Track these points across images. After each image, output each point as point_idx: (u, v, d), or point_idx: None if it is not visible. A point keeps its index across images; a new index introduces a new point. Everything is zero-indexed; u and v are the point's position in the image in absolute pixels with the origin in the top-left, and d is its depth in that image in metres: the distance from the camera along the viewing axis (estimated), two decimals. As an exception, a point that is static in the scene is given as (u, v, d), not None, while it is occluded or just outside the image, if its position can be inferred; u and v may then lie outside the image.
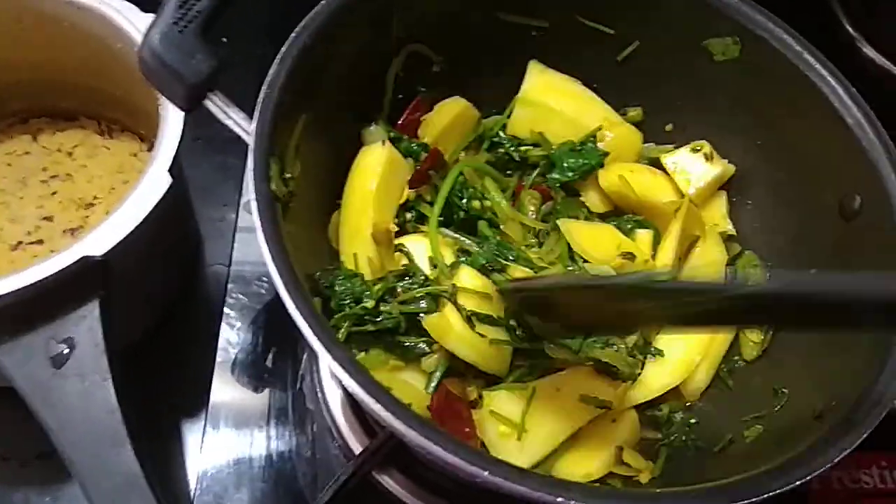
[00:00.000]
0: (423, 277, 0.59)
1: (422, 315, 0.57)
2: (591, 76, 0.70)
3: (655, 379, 0.61)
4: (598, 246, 0.63)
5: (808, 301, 0.41)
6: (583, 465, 0.56)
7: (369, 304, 0.56)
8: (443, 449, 0.42)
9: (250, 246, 0.79)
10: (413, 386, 0.57)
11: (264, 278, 0.78)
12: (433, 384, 0.57)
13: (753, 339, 0.63)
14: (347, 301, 0.56)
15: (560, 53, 0.69)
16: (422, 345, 0.57)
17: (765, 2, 0.64)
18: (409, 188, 0.64)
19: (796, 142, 0.63)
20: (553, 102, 0.69)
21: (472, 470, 0.41)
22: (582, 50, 0.69)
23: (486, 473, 0.41)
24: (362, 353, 0.57)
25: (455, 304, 0.57)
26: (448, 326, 0.56)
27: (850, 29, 0.88)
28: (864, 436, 0.46)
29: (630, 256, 0.62)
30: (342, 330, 0.56)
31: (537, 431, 0.56)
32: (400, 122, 0.68)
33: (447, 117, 0.69)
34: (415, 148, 0.66)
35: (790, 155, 0.64)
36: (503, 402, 0.57)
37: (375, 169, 0.62)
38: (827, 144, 0.60)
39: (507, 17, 0.67)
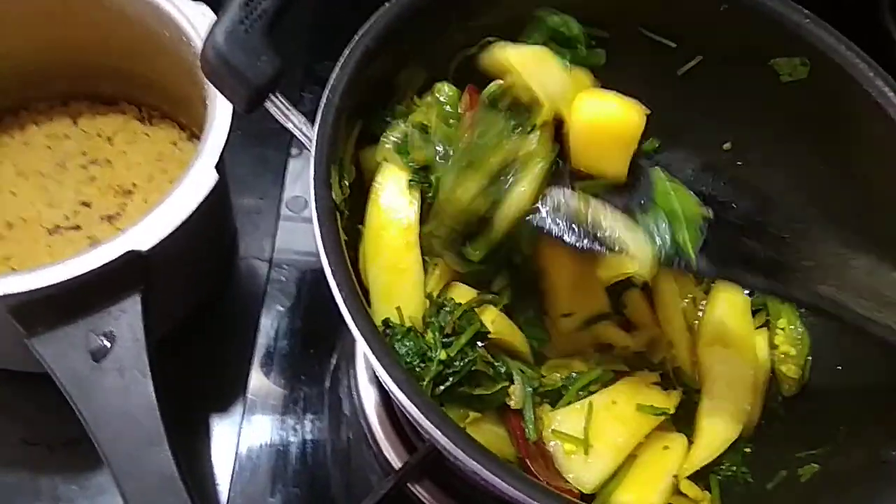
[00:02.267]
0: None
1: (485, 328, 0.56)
2: (650, 89, 0.68)
3: (715, 435, 0.59)
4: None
5: None
6: (642, 496, 0.55)
7: (442, 354, 0.54)
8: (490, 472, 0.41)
9: (291, 242, 0.78)
10: (498, 434, 0.56)
11: (302, 276, 0.77)
12: (530, 425, 0.55)
13: (790, 375, 0.62)
14: (415, 361, 0.54)
15: (619, 65, 0.67)
16: (501, 381, 0.56)
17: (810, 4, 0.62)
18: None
19: (860, 172, 0.61)
20: None
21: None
22: (642, 62, 0.67)
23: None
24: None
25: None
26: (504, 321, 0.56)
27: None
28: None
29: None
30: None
31: (602, 444, 0.55)
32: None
33: None
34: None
35: (852, 185, 0.62)
36: (564, 420, 0.56)
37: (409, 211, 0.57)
38: (893, 176, 0.58)
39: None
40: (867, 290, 0.52)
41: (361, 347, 0.44)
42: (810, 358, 0.63)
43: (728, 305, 0.64)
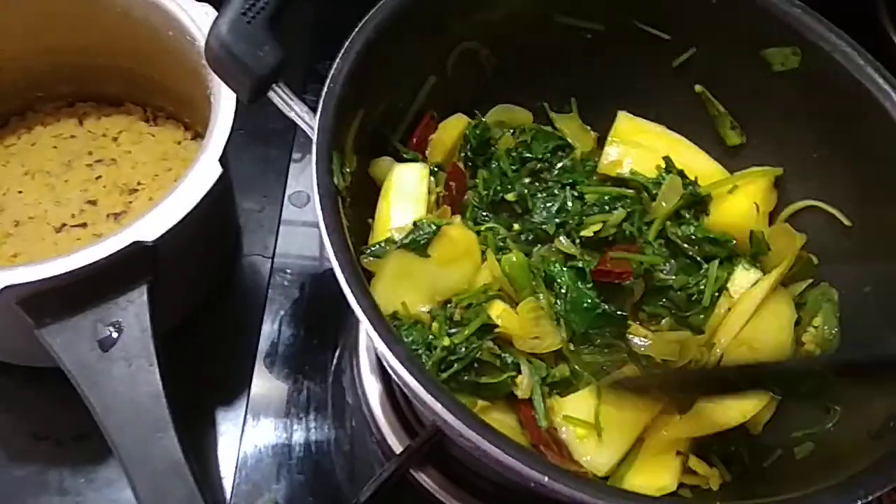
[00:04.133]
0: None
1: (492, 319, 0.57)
2: (644, 82, 0.70)
3: (707, 419, 0.58)
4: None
5: None
6: (655, 477, 0.56)
7: (445, 341, 0.55)
8: (502, 451, 0.42)
9: (293, 238, 0.79)
10: (506, 423, 0.57)
11: (304, 271, 0.78)
12: (540, 412, 0.56)
13: None
14: (421, 351, 0.55)
15: (614, 57, 0.69)
16: (508, 371, 0.57)
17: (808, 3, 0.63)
18: (452, 214, 0.63)
19: (855, 156, 0.62)
20: (644, 142, 0.69)
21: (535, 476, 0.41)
22: (636, 54, 0.68)
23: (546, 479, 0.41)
24: None
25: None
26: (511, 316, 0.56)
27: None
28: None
29: None
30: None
31: (613, 427, 0.56)
32: (414, 139, 0.66)
33: (454, 134, 0.67)
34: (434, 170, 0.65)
35: (848, 169, 0.63)
36: (574, 405, 0.57)
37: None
38: (887, 161, 0.59)
39: (563, 19, 0.67)
40: None
41: (363, 325, 0.45)
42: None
43: (774, 318, 0.62)
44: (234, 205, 0.83)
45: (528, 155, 0.68)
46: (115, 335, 0.60)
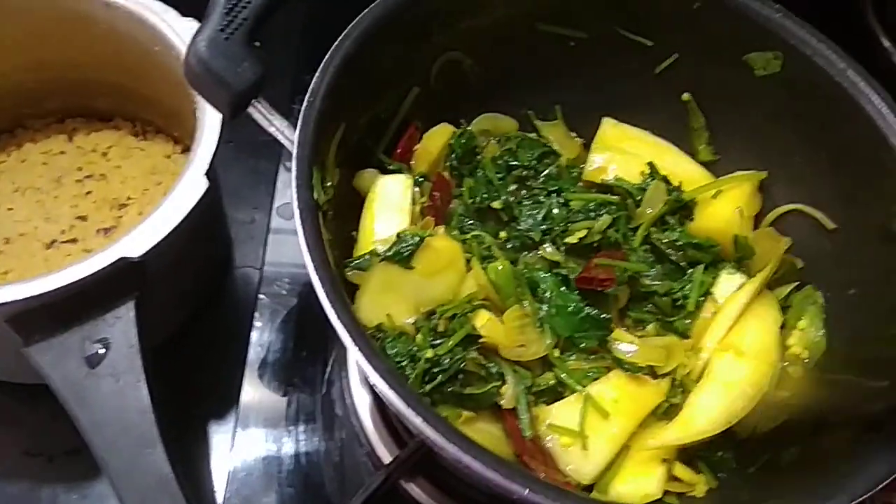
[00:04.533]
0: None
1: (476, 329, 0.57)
2: (628, 88, 0.70)
3: (691, 425, 0.58)
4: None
5: None
6: (640, 485, 0.56)
7: (429, 353, 0.55)
8: (482, 465, 0.42)
9: (282, 249, 0.80)
10: (493, 434, 0.57)
11: (294, 282, 0.78)
12: (525, 422, 0.56)
13: (794, 377, 0.60)
14: (405, 363, 0.55)
15: (597, 65, 0.69)
16: (493, 381, 0.57)
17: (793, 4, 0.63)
18: (435, 225, 0.63)
19: (838, 159, 0.62)
20: (629, 148, 0.69)
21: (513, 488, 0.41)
22: (619, 62, 0.68)
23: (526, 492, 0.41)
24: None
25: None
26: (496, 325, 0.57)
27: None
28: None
29: None
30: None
31: (597, 436, 0.56)
32: (398, 150, 0.66)
33: (438, 144, 0.67)
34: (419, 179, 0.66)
35: (831, 172, 0.63)
36: (559, 414, 0.57)
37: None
38: (869, 163, 0.59)
39: (547, 27, 0.67)
40: None
41: (342, 338, 0.45)
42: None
43: (760, 321, 0.62)
44: (223, 217, 0.83)
45: (514, 162, 0.68)
46: (102, 352, 0.60)
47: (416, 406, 0.44)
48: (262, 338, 0.75)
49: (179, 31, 0.70)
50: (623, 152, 0.68)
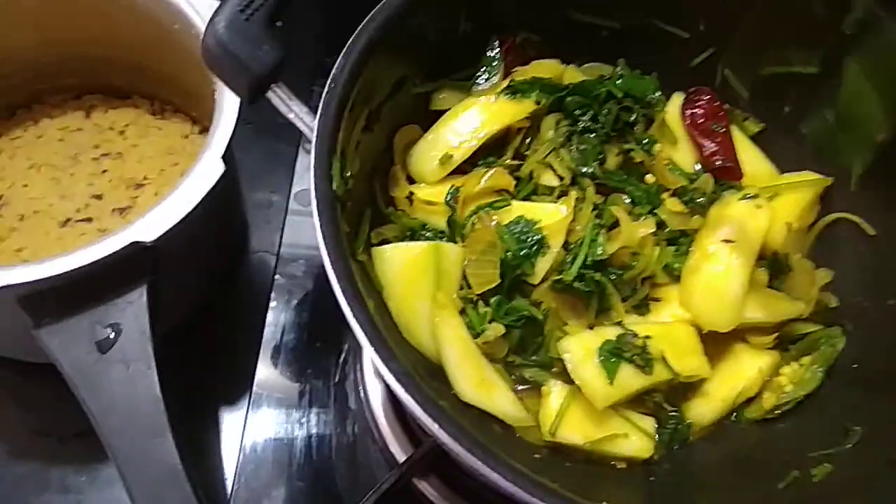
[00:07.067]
0: None
1: None
2: (661, 81, 0.67)
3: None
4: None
5: None
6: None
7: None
8: (500, 476, 0.40)
9: (299, 235, 0.78)
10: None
11: (311, 265, 0.77)
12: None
13: (763, 405, 0.59)
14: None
15: (629, 56, 0.66)
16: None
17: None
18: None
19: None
20: None
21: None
22: (653, 53, 0.66)
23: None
24: None
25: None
26: None
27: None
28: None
29: None
30: None
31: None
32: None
33: (545, 74, 0.64)
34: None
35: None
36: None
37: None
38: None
39: (580, 16, 0.65)
40: None
41: (358, 338, 0.44)
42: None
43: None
44: (240, 201, 0.82)
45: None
46: (113, 337, 0.59)
47: (433, 411, 0.42)
48: (277, 319, 0.74)
49: (199, 8, 0.69)
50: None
